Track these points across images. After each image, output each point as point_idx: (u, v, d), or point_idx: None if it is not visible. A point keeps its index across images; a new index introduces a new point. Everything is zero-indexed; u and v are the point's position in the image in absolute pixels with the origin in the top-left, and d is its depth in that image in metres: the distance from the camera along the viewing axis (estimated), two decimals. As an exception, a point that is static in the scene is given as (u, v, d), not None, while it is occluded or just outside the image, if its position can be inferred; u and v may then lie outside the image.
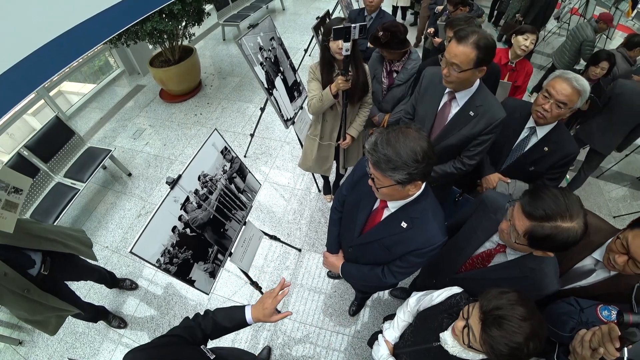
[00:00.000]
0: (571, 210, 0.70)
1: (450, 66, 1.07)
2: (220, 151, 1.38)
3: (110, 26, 1.01)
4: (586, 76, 2.23)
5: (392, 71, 1.75)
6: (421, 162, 0.72)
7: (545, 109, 1.19)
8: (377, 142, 0.74)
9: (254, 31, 1.74)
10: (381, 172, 0.75)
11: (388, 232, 0.93)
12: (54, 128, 2.36)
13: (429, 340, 0.84)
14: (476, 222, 1.01)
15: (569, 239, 0.70)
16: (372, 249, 1.00)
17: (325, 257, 1.22)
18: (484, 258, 0.97)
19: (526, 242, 0.75)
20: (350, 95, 1.47)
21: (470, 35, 1.01)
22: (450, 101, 1.23)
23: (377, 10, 2.26)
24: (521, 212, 0.75)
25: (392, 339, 1.05)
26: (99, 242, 2.29)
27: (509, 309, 0.64)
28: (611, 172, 2.90)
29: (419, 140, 0.73)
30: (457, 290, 0.91)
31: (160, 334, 0.82)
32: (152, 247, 1.11)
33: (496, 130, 1.18)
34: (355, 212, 1.02)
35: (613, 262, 0.84)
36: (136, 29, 2.62)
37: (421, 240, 0.87)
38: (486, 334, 0.64)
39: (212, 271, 1.34)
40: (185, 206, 1.21)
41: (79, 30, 0.89)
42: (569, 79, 1.14)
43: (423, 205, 0.87)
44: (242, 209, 1.51)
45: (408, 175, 0.72)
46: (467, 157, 1.27)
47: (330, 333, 1.81)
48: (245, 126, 3.12)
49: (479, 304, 0.69)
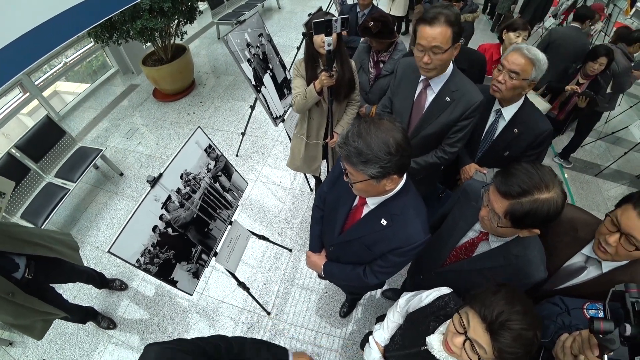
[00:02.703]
0: (546, 181, 0.69)
1: (430, 51, 1.03)
2: (204, 149, 1.35)
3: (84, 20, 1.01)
4: (583, 72, 2.18)
5: (379, 61, 1.74)
6: (394, 155, 0.68)
7: (499, 80, 1.17)
8: (347, 135, 0.70)
9: (241, 27, 1.72)
10: (353, 167, 0.71)
11: (368, 230, 0.90)
12: (44, 128, 2.35)
13: (416, 343, 0.82)
14: (458, 212, 0.99)
15: (550, 210, 0.69)
16: (352, 248, 0.98)
17: (308, 257, 1.19)
18: (468, 248, 0.94)
19: (509, 223, 0.73)
20: (336, 92, 1.44)
21: (439, 15, 0.99)
22: (426, 89, 1.20)
23: (370, 7, 2.22)
24: (497, 193, 0.73)
25: (383, 341, 1.02)
26: (90, 242, 2.27)
27: (509, 309, 0.62)
28: (610, 171, 2.85)
29: (392, 132, 0.69)
30: (446, 291, 0.88)
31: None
32: (132, 246, 1.09)
33: (475, 114, 1.15)
34: (336, 209, 0.99)
35: (605, 245, 0.80)
36: (127, 27, 2.59)
37: (402, 239, 0.83)
38: (500, 343, 0.60)
39: (196, 272, 1.31)
40: (166, 205, 1.19)
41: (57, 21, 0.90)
42: (521, 48, 1.13)
43: (403, 201, 0.83)
44: (228, 208, 1.48)
45: (381, 169, 0.69)
46: (448, 145, 1.24)
47: (321, 335, 1.78)
48: (238, 125, 3.09)
49: (479, 313, 0.64)
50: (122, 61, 3.79)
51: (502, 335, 0.60)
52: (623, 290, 0.58)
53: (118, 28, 2.62)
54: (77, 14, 0.96)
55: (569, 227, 0.93)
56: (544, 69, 1.13)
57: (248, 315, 1.86)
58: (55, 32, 0.91)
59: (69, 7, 0.94)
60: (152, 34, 2.74)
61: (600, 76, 2.18)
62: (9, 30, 0.80)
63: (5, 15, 0.80)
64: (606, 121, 3.31)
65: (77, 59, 3.50)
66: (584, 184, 2.77)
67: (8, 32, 0.80)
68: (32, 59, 0.90)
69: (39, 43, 0.88)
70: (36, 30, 0.86)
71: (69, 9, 0.94)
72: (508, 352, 0.60)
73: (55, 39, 0.93)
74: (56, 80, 3.39)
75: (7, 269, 1.19)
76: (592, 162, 2.98)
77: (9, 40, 0.81)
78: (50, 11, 0.89)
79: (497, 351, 0.61)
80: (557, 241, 0.94)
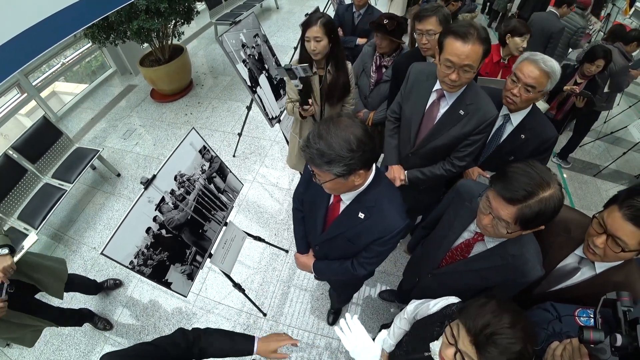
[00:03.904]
0: (546, 177, 0.69)
1: (460, 69, 0.98)
2: (199, 150, 1.35)
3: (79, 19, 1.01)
4: (580, 73, 2.18)
5: (382, 66, 1.72)
6: (357, 151, 0.68)
7: (514, 93, 1.15)
8: (309, 137, 0.70)
9: (237, 28, 1.71)
10: (318, 168, 0.72)
11: (348, 225, 0.91)
12: (41, 128, 2.34)
13: (421, 350, 0.81)
14: (453, 213, 0.98)
15: (556, 205, 0.69)
16: (337, 244, 0.99)
17: (297, 259, 1.20)
18: (464, 249, 0.94)
19: (519, 228, 0.72)
20: (329, 96, 1.44)
21: (471, 30, 0.94)
22: (439, 99, 1.16)
23: (366, 6, 2.22)
24: (502, 200, 0.71)
25: (388, 347, 1.02)
26: (87, 243, 2.27)
27: (495, 322, 0.60)
28: (609, 171, 2.84)
29: (352, 128, 0.69)
30: (453, 300, 0.87)
31: (147, 337, 0.78)
32: (125, 248, 1.09)
33: (487, 129, 1.12)
34: (314, 209, 1.00)
35: (592, 247, 0.80)
36: (124, 28, 2.59)
37: (381, 229, 0.85)
38: (484, 357, 0.60)
39: (190, 273, 1.31)
40: (160, 207, 1.18)
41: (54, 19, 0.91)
42: (536, 60, 1.09)
43: (376, 193, 0.85)
44: (223, 210, 1.48)
45: (346, 167, 0.69)
46: (457, 159, 1.21)
47: (318, 337, 1.78)
48: (235, 125, 3.09)
49: (465, 326, 0.63)
50: (120, 62, 3.79)
51: (487, 350, 0.59)
52: (615, 298, 0.56)
53: (115, 29, 2.62)
54: (72, 13, 0.96)
55: (562, 228, 0.93)
56: (558, 77, 1.11)
57: (245, 317, 1.86)
58: (52, 30, 0.92)
59: (65, 7, 0.94)
60: (149, 35, 2.74)
61: (597, 76, 2.18)
62: (5, 28, 0.81)
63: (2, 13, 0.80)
64: (605, 121, 3.30)
65: (75, 60, 3.49)
66: (582, 184, 2.76)
67: (5, 31, 0.81)
68: (28, 57, 0.90)
69: (34, 42, 0.88)
70: (32, 28, 0.86)
71: (65, 8, 0.94)
72: None
73: (52, 37, 0.94)
74: (54, 81, 3.39)
75: None
76: (591, 162, 2.98)
77: (5, 39, 0.81)
78: (46, 10, 0.89)
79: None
80: (551, 242, 0.93)
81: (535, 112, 1.23)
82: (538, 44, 2.60)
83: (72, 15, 0.97)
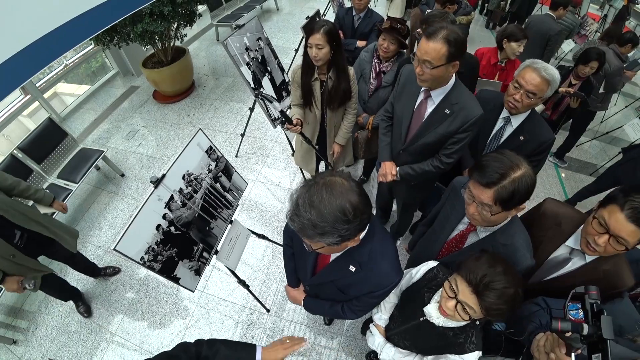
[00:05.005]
0: (514, 160, 0.78)
1: (422, 64, 1.06)
2: (205, 150, 1.39)
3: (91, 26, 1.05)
4: (574, 74, 2.23)
5: (381, 72, 1.75)
6: (353, 221, 0.61)
7: (516, 99, 1.21)
8: (298, 204, 0.62)
9: (240, 31, 1.76)
10: (309, 239, 0.65)
11: (337, 275, 0.87)
12: (46, 129, 2.38)
13: (416, 316, 0.88)
14: (449, 207, 1.03)
15: (528, 184, 0.77)
16: (326, 289, 0.97)
17: (288, 292, 1.19)
18: (458, 240, 0.99)
19: (500, 208, 0.79)
20: (330, 101, 1.48)
21: (440, 31, 1.00)
22: (426, 99, 1.23)
23: (365, 10, 2.26)
24: (479, 186, 0.80)
25: (383, 322, 1.08)
26: (92, 242, 2.31)
27: (491, 271, 0.69)
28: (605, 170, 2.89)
29: (347, 195, 0.61)
30: (432, 264, 0.95)
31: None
32: (136, 244, 1.13)
33: (472, 128, 1.17)
34: (304, 251, 0.92)
35: (593, 245, 0.83)
36: (127, 30, 2.63)
37: (374, 284, 0.82)
38: (485, 302, 0.68)
39: (198, 269, 1.35)
40: (169, 205, 1.22)
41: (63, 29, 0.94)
42: (538, 68, 1.15)
43: (369, 248, 0.79)
44: (228, 208, 1.52)
45: (340, 238, 0.63)
46: (444, 156, 1.27)
47: (320, 332, 1.82)
48: (237, 126, 3.13)
49: (465, 278, 0.72)
50: (122, 63, 3.83)
51: (487, 295, 0.68)
52: (583, 292, 0.61)
53: (119, 31, 2.66)
54: (82, 22, 0.99)
55: (552, 222, 0.98)
56: (557, 84, 1.17)
57: (248, 313, 1.90)
58: (62, 40, 0.95)
59: (74, 16, 0.97)
60: (153, 37, 2.78)
61: (592, 77, 2.23)
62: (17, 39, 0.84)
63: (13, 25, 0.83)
64: (601, 121, 3.35)
65: (78, 62, 3.53)
66: (579, 183, 2.80)
67: (16, 42, 0.84)
68: (39, 66, 0.93)
69: (46, 51, 0.91)
70: (44, 38, 0.89)
71: (74, 18, 0.97)
72: (494, 309, 0.68)
73: (62, 46, 0.97)
74: (57, 82, 3.42)
75: (7, 235, 1.42)
76: (588, 161, 3.03)
77: (17, 50, 0.84)
78: (56, 20, 0.92)
79: (485, 309, 0.69)
80: (542, 235, 0.98)
81: (534, 116, 1.29)
82: (536, 47, 2.65)
83: (84, 22, 1.00)
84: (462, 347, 0.81)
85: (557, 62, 3.85)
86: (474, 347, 0.80)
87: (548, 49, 2.68)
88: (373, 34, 2.18)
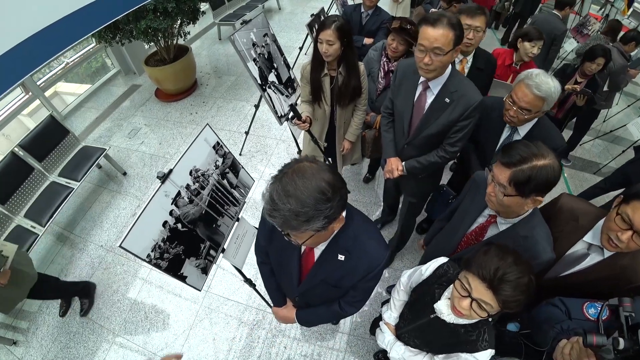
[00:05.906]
0: (542, 150, 0.78)
1: (431, 52, 1.04)
2: (213, 146, 1.37)
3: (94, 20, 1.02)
4: (580, 72, 2.22)
5: (390, 71, 1.73)
6: (333, 198, 0.60)
7: (511, 115, 1.18)
8: (273, 198, 0.59)
9: (247, 27, 1.74)
10: (295, 230, 0.62)
11: (327, 271, 0.83)
12: (48, 127, 2.35)
13: (426, 314, 0.86)
14: (469, 200, 1.02)
15: (549, 175, 0.76)
16: (319, 291, 0.91)
17: (275, 313, 1.12)
18: (478, 233, 0.98)
19: (513, 190, 0.78)
20: (339, 98, 1.47)
21: (442, 18, 1.01)
22: (425, 90, 1.22)
23: (374, 7, 2.25)
24: (500, 165, 0.81)
25: (393, 320, 1.05)
26: (94, 241, 2.27)
27: (502, 263, 0.68)
28: (608, 169, 2.89)
29: (320, 174, 0.60)
30: (443, 260, 0.93)
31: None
32: (143, 241, 1.10)
33: (474, 114, 1.16)
34: (285, 261, 0.91)
35: (616, 242, 0.81)
36: (130, 27, 2.61)
37: (366, 266, 0.79)
38: (502, 295, 0.67)
39: (204, 267, 1.32)
40: (176, 201, 1.20)
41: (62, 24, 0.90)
42: (530, 85, 1.08)
43: (352, 230, 0.77)
44: (235, 205, 1.49)
45: (326, 219, 0.61)
46: (449, 145, 1.26)
47: (326, 331, 1.79)
48: (240, 124, 3.11)
49: (477, 275, 0.70)
50: (124, 61, 3.80)
51: (503, 289, 0.67)
52: (617, 304, 0.59)
53: (121, 28, 2.63)
54: (82, 16, 0.96)
55: (569, 217, 0.96)
56: (556, 97, 1.09)
57: (252, 312, 1.87)
58: (60, 36, 0.91)
59: (77, 9, 0.94)
60: (156, 34, 2.76)
61: (597, 75, 2.23)
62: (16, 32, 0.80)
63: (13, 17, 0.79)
64: (604, 120, 3.36)
65: (80, 60, 3.50)
66: (583, 181, 2.80)
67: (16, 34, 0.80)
68: (36, 64, 0.88)
69: (43, 47, 0.87)
70: (43, 31, 0.85)
71: (76, 11, 0.94)
72: (511, 301, 0.68)
73: (61, 42, 0.93)
74: (58, 81, 3.39)
75: None
76: (591, 160, 3.03)
77: (16, 42, 0.80)
78: (57, 13, 0.88)
79: (502, 303, 0.68)
80: (559, 231, 0.97)
81: (543, 121, 1.22)
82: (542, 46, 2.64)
83: (86, 16, 0.97)
84: (474, 345, 0.79)
85: (559, 61, 3.86)
86: (487, 345, 0.78)
87: (553, 48, 2.67)
88: (380, 32, 2.17)
